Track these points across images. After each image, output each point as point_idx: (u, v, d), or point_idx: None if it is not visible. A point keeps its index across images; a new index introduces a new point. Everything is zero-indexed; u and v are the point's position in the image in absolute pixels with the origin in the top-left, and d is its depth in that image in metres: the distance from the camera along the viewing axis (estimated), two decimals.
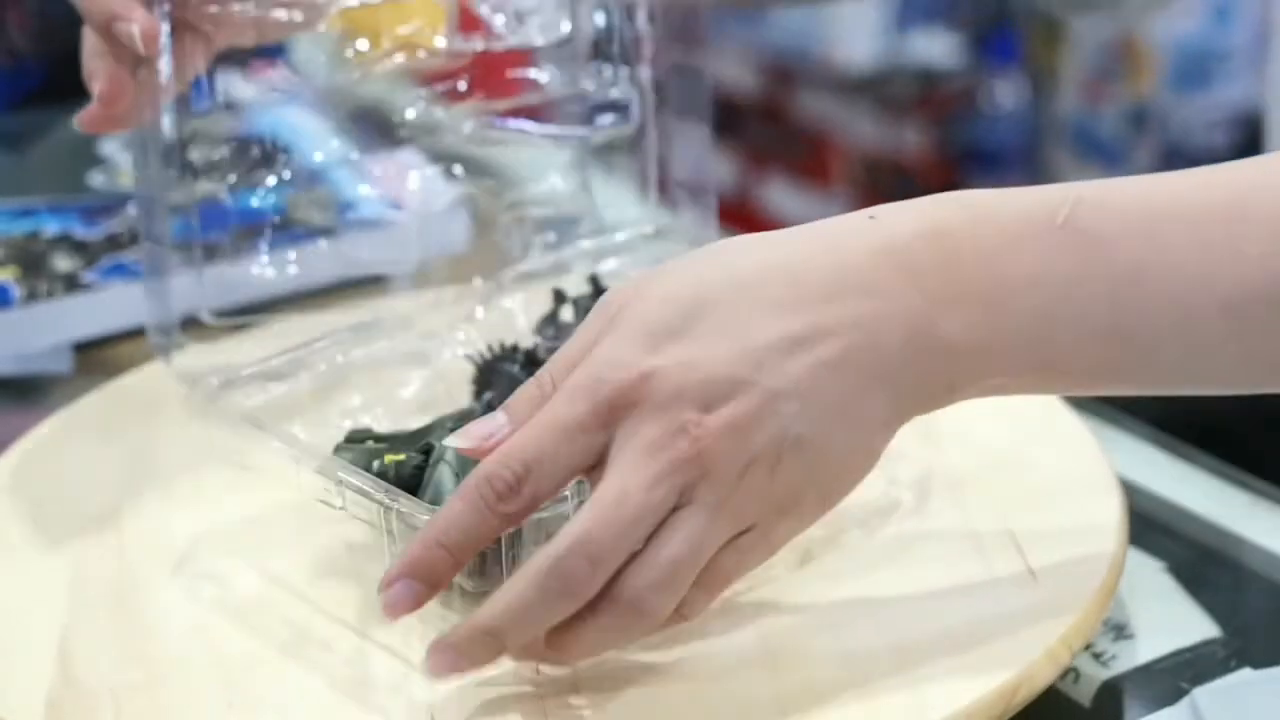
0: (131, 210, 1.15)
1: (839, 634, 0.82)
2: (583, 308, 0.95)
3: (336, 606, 0.84)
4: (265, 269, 1.11)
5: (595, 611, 0.76)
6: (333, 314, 1.04)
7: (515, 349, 0.95)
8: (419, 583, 0.76)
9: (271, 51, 1.25)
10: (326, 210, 1.15)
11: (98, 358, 1.11)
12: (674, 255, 0.90)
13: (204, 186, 1.16)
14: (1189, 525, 0.98)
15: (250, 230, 1.13)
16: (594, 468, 0.76)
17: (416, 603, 0.77)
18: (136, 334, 1.10)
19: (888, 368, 0.76)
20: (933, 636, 0.81)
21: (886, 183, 2.75)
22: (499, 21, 1.02)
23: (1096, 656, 0.86)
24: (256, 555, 0.88)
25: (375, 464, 0.84)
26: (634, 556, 0.75)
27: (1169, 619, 0.89)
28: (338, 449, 0.87)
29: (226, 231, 1.13)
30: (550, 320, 0.95)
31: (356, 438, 0.88)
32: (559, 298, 0.96)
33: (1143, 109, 2.41)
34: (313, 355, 0.93)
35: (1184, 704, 0.84)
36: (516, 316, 0.95)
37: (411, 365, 0.95)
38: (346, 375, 0.94)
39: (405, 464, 0.84)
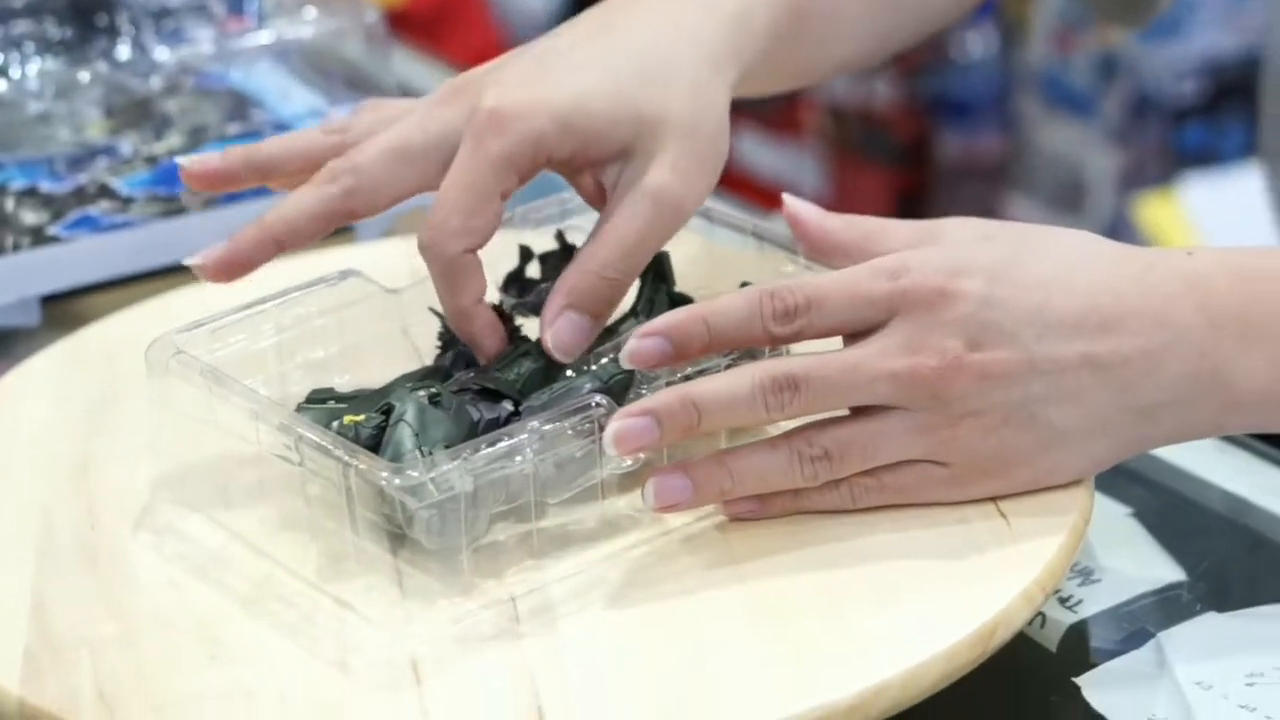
0: (99, 163, 1.15)
1: (818, 580, 0.82)
2: (549, 264, 0.95)
3: (312, 564, 0.84)
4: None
5: (774, 446, 0.82)
6: (300, 264, 1.04)
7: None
8: (671, 344, 0.81)
9: (240, 5, 1.25)
10: None
11: (66, 311, 1.11)
12: None
13: (174, 140, 1.17)
14: (1154, 470, 0.98)
15: None
16: (858, 337, 0.81)
17: (661, 359, 0.81)
18: (104, 287, 1.11)
19: (1155, 397, 0.80)
20: (910, 580, 0.81)
21: (856, 134, 2.75)
22: None
23: (1063, 601, 0.87)
24: (218, 509, 0.88)
25: (335, 424, 0.84)
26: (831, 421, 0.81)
27: (1134, 563, 0.90)
28: (299, 408, 0.87)
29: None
30: (516, 277, 0.95)
31: (317, 398, 0.88)
32: (525, 254, 0.95)
33: (1112, 58, 2.41)
34: (277, 307, 0.92)
35: (1149, 647, 0.85)
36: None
37: (377, 319, 0.94)
38: (311, 328, 0.93)
39: (365, 424, 0.84)
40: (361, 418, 0.84)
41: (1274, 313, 0.80)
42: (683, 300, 0.91)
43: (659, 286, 0.92)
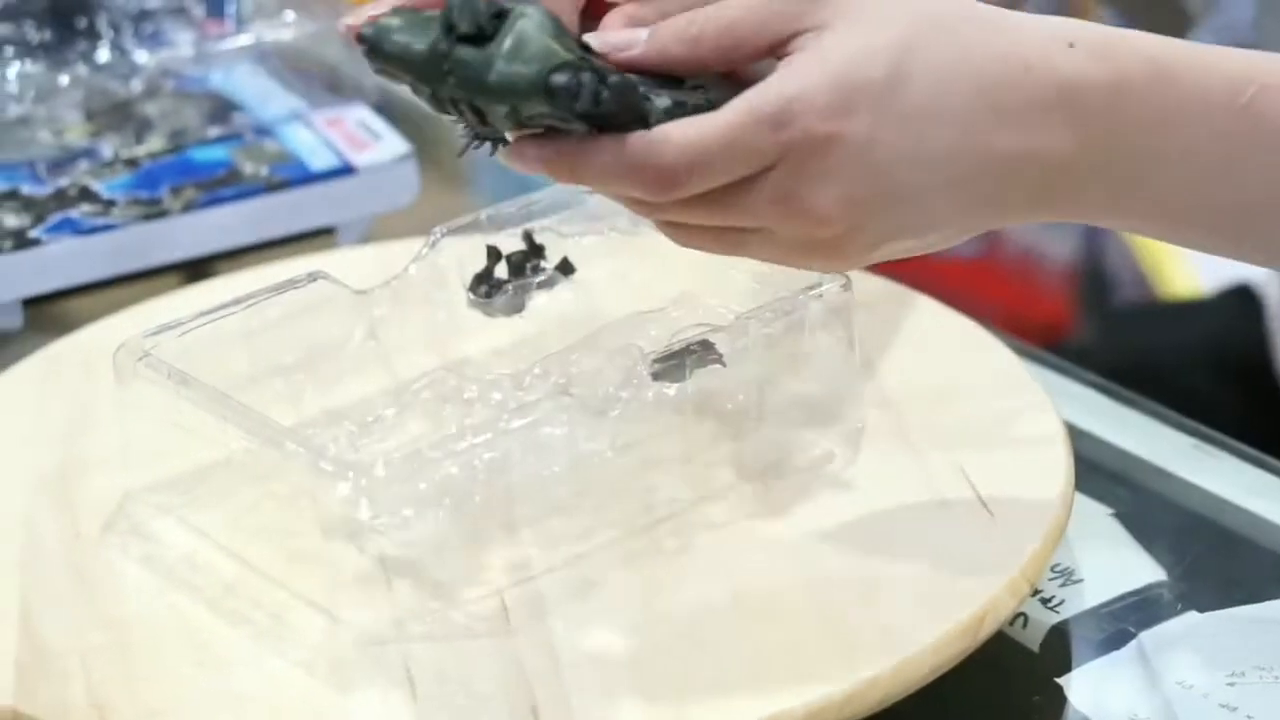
0: (80, 166, 1.15)
1: (806, 573, 0.83)
2: (517, 264, 0.96)
3: (293, 567, 0.85)
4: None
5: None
6: (269, 270, 1.04)
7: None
8: (547, 168, 0.75)
9: (220, 8, 1.25)
10: (274, 164, 1.15)
11: (48, 313, 1.11)
12: (610, 210, 0.91)
13: (154, 143, 1.17)
14: (1135, 470, 0.99)
15: (198, 185, 1.13)
16: None
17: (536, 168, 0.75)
18: (86, 289, 1.11)
19: (1007, 199, 0.77)
20: (898, 574, 0.82)
21: None
22: None
23: (1045, 602, 0.87)
24: (196, 513, 0.88)
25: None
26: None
27: (1115, 564, 0.90)
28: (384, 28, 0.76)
29: (176, 185, 1.13)
30: (484, 277, 0.96)
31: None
32: (493, 254, 0.96)
33: None
34: (245, 310, 0.92)
35: (1131, 647, 0.85)
36: (449, 273, 0.95)
37: (345, 321, 0.95)
38: (279, 330, 0.93)
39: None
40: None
41: (1141, 132, 0.77)
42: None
43: None
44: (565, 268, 0.97)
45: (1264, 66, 0.78)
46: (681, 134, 0.73)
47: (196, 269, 1.13)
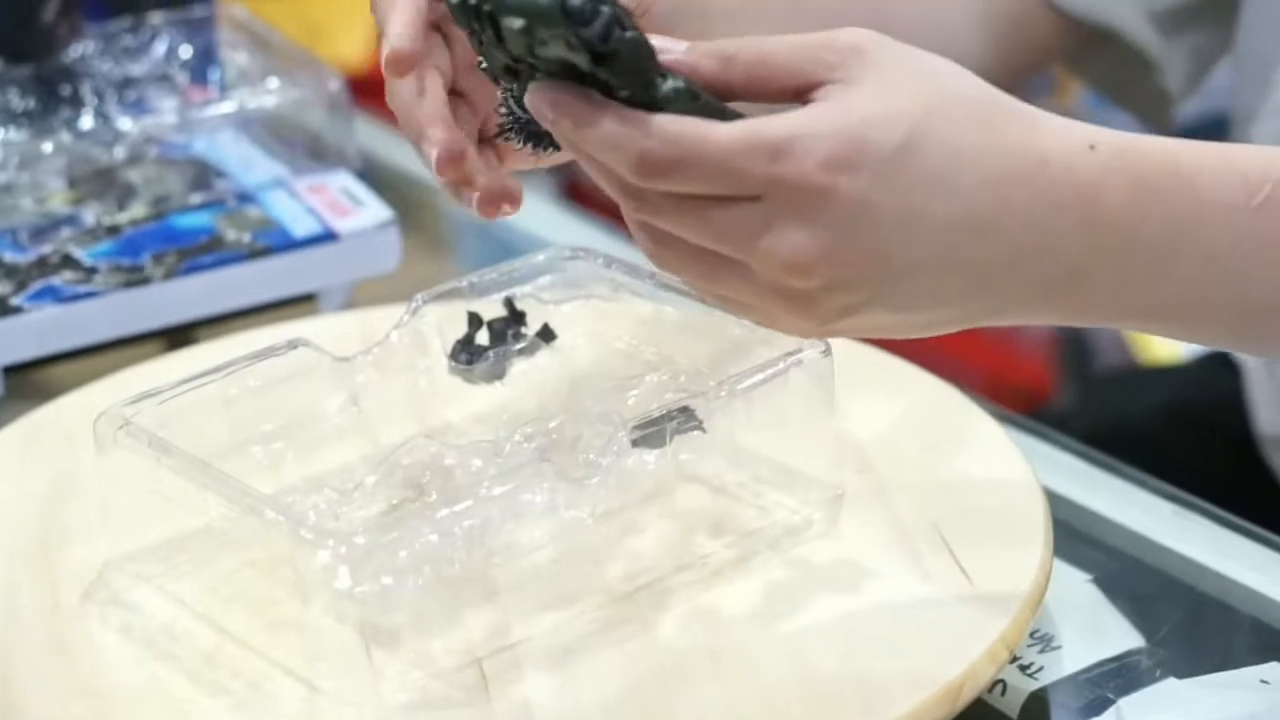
0: (63, 233, 1.15)
1: (785, 640, 0.83)
2: (498, 331, 0.96)
3: (272, 636, 0.85)
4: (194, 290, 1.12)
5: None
6: (257, 334, 1.05)
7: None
8: (555, 116, 0.74)
9: (203, 75, 1.26)
10: (257, 231, 1.16)
11: (30, 381, 1.11)
12: (590, 277, 0.91)
13: (137, 210, 1.17)
14: (1114, 536, 0.99)
15: (181, 252, 1.13)
16: None
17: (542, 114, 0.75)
18: (68, 356, 1.11)
19: (1009, 297, 0.77)
20: (877, 640, 0.82)
21: None
22: None
23: (1024, 668, 0.87)
24: (177, 582, 0.88)
25: None
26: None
27: (1094, 630, 0.90)
28: None
29: (159, 252, 1.13)
30: (465, 344, 0.96)
31: None
32: (474, 321, 0.96)
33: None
34: (225, 378, 0.93)
35: (1110, 714, 0.85)
36: (431, 339, 0.96)
37: (326, 388, 0.95)
38: (260, 398, 0.94)
39: None
40: None
41: (1156, 234, 0.76)
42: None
43: None
44: (546, 334, 0.97)
45: (1276, 164, 0.78)
46: (680, 128, 0.73)
47: (178, 335, 1.14)
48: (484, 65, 0.80)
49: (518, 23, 0.73)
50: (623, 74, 0.73)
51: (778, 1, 1.02)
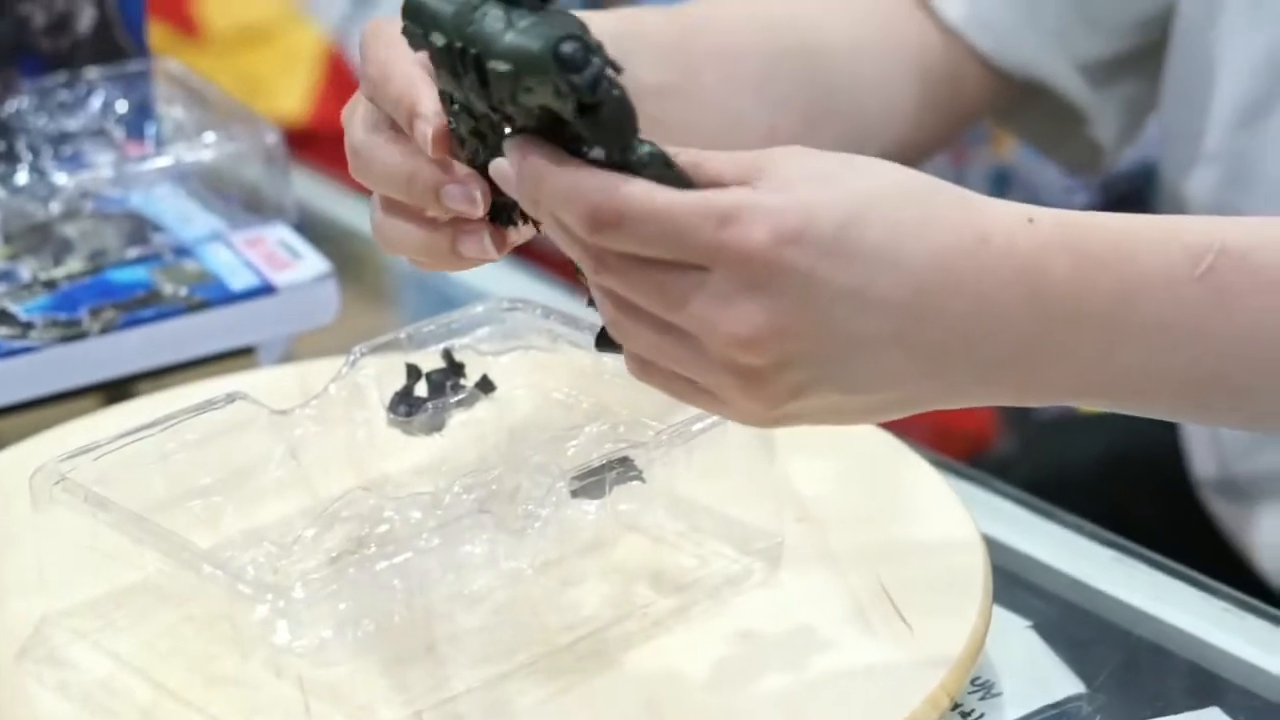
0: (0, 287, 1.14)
1: (726, 689, 0.83)
2: (436, 383, 0.96)
3: (209, 691, 0.84)
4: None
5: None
6: (195, 388, 1.04)
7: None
8: (507, 172, 0.76)
9: (140, 130, 1.25)
10: (194, 284, 1.15)
11: None
12: (529, 328, 0.90)
13: (73, 264, 1.16)
14: (1054, 582, 0.99)
15: (118, 306, 1.13)
16: None
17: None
18: (4, 412, 1.10)
19: (961, 377, 0.77)
20: (818, 688, 0.82)
21: None
22: None
23: (965, 715, 0.87)
24: (113, 638, 0.88)
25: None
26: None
27: (1035, 676, 0.90)
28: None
29: (95, 306, 1.13)
30: (404, 396, 0.96)
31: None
32: (413, 373, 0.96)
33: (1006, 171, 2.44)
34: (162, 431, 0.92)
35: None
36: (369, 392, 0.96)
37: (264, 441, 0.95)
38: (197, 451, 0.93)
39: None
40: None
41: (1102, 305, 0.77)
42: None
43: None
44: (485, 386, 0.97)
45: (1220, 232, 0.78)
46: (633, 187, 0.73)
47: (117, 390, 1.13)
48: (453, 126, 0.80)
49: (505, 66, 0.73)
50: (603, 128, 0.73)
51: (708, 67, 1.03)
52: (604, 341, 0.79)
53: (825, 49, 1.09)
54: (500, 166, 0.77)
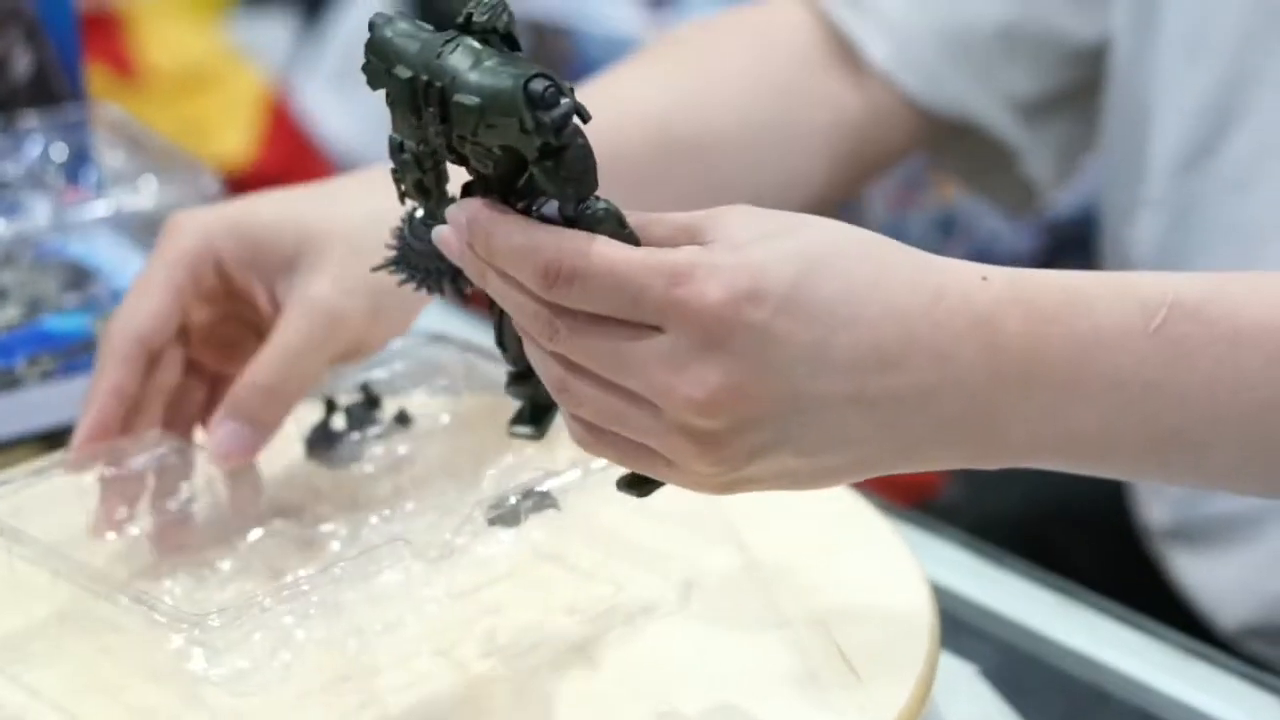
0: None
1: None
2: (354, 416, 0.96)
3: None
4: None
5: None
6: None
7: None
8: (460, 233, 0.75)
9: (78, 176, 1.24)
10: None
11: None
12: (446, 362, 0.90)
13: (10, 312, 1.16)
14: (1000, 628, 0.99)
15: (55, 354, 1.12)
16: None
17: (455, 240, 0.76)
18: None
19: (921, 436, 0.76)
20: None
21: None
22: None
23: None
24: (23, 671, 0.87)
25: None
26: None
27: None
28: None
29: (33, 355, 1.12)
30: (322, 429, 0.96)
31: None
32: (330, 406, 0.97)
33: (951, 215, 2.45)
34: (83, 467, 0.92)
35: None
36: (287, 425, 0.95)
37: (180, 476, 0.94)
38: (120, 485, 0.93)
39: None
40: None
41: (1058, 360, 0.77)
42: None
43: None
44: (402, 419, 0.98)
45: (1173, 285, 0.78)
46: (587, 241, 0.73)
47: (54, 439, 1.12)
48: (398, 176, 0.79)
49: (472, 100, 0.72)
50: (565, 173, 0.73)
51: (631, 126, 1.04)
52: (520, 421, 0.79)
53: (717, 138, 1.09)
54: (441, 231, 0.76)
